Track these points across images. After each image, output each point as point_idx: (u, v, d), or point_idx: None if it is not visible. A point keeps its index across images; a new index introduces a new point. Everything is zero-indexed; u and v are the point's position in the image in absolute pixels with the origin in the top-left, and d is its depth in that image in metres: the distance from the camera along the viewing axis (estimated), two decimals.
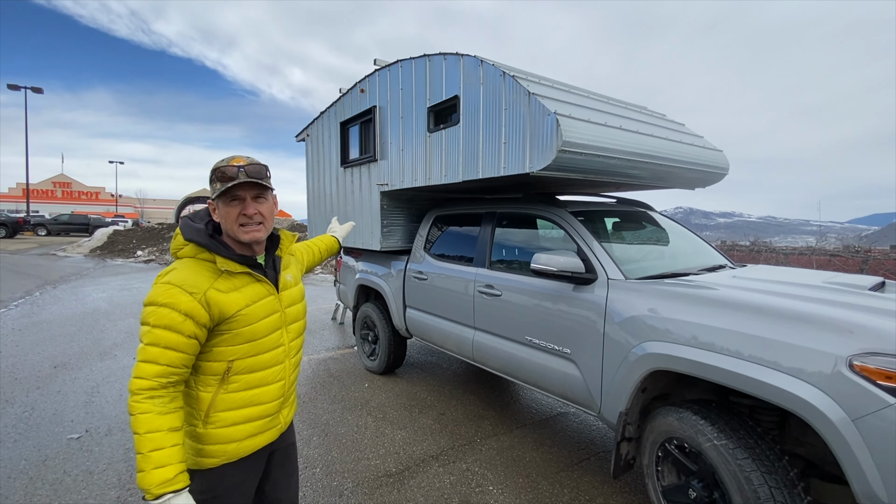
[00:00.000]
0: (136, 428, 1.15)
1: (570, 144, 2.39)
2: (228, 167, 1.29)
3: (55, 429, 3.31)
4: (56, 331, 6.06)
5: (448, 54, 3.20)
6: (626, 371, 2.24)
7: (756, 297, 1.99)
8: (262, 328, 1.35)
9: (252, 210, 1.31)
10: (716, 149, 3.71)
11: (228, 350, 1.30)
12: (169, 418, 1.18)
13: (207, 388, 1.31)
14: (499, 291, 3.09)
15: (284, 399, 1.48)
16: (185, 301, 1.21)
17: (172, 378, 1.21)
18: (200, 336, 1.25)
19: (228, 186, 1.27)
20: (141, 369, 1.18)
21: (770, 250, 7.73)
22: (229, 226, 1.31)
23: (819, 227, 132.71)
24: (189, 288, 1.22)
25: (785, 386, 1.67)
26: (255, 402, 1.37)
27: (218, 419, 1.31)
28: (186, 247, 1.32)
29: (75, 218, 28.38)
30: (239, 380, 1.33)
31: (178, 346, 1.20)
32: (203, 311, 1.23)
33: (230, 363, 1.31)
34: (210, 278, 1.27)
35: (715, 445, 1.88)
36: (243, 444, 1.36)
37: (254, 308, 1.33)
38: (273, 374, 1.41)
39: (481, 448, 3.13)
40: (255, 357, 1.35)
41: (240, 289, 1.32)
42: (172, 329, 1.19)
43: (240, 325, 1.30)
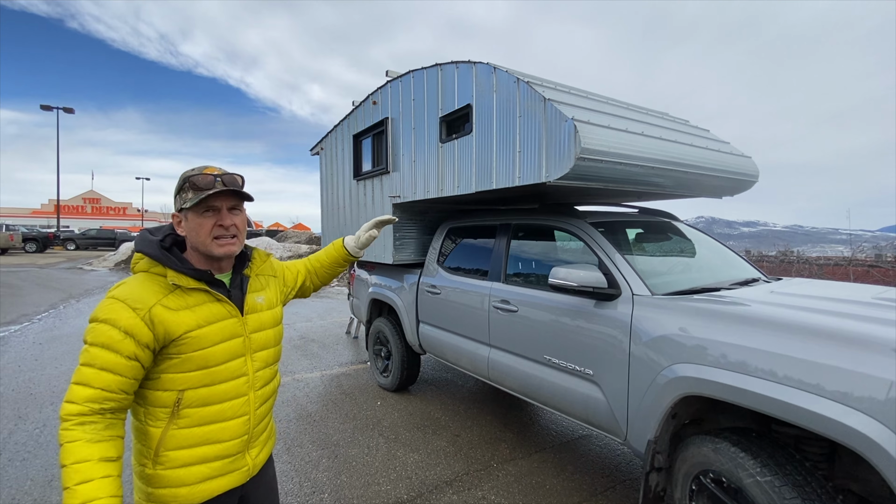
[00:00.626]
0: (62, 460, 1.00)
1: (590, 151, 2.25)
2: (202, 176, 1.20)
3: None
4: (76, 345, 6.11)
5: (460, 62, 3.12)
6: (656, 395, 2.06)
7: (800, 315, 1.80)
8: (217, 354, 1.21)
9: (229, 221, 1.22)
10: (744, 155, 3.51)
11: (178, 378, 1.16)
12: (101, 447, 1.03)
13: (157, 422, 1.17)
14: (515, 307, 2.94)
15: (250, 438, 1.31)
16: (126, 317, 1.09)
17: (107, 404, 1.07)
18: (143, 358, 1.11)
19: (205, 196, 1.17)
20: (73, 393, 1.05)
21: (802, 261, 7.34)
22: (201, 239, 1.21)
23: (849, 236, 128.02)
24: (132, 303, 1.11)
25: (835, 415, 1.48)
26: (210, 440, 1.21)
27: (168, 459, 1.17)
28: (141, 261, 1.21)
29: (103, 233, 29.31)
30: (191, 414, 1.18)
31: (115, 367, 1.07)
32: (146, 329, 1.10)
33: (181, 393, 1.17)
34: (158, 294, 1.15)
35: (758, 482, 1.68)
36: (198, 489, 1.20)
37: (207, 330, 1.19)
38: (233, 409, 1.24)
39: (498, 474, 2.95)
40: (210, 388, 1.20)
41: (192, 307, 1.18)
42: (110, 348, 1.07)
43: (189, 348, 1.16)
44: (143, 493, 1.20)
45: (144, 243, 1.21)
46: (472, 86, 2.99)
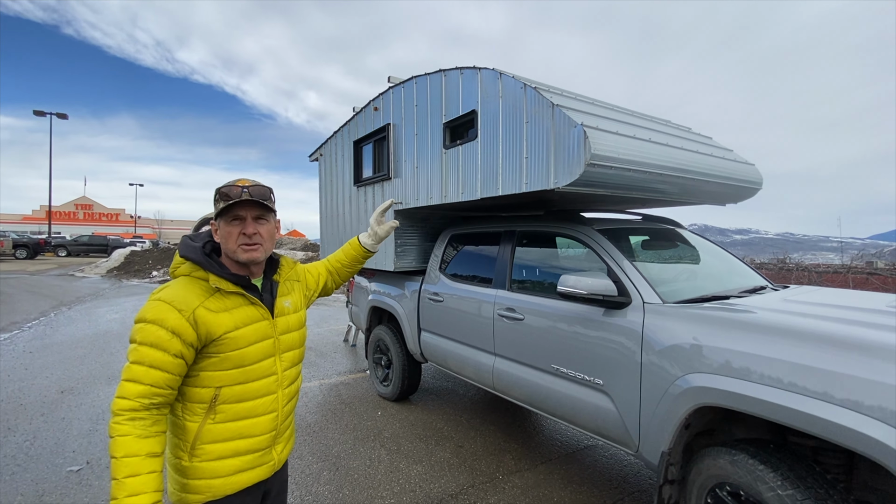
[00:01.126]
0: (113, 451, 1.09)
1: (600, 157, 2.22)
2: (233, 187, 1.28)
3: (56, 460, 3.15)
4: (66, 353, 5.98)
5: (465, 68, 3.10)
6: (669, 406, 2.01)
7: (818, 324, 1.77)
8: (251, 354, 1.30)
9: (252, 230, 1.29)
10: (747, 162, 3.51)
11: (216, 375, 1.26)
12: (148, 443, 1.12)
13: (194, 416, 1.25)
14: (521, 315, 2.89)
15: (277, 433, 1.40)
16: (172, 318, 1.18)
17: (156, 399, 1.16)
18: (187, 356, 1.21)
19: (230, 204, 1.26)
20: (124, 389, 1.14)
21: (801, 269, 7.37)
22: (229, 245, 1.29)
23: (840, 244, 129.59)
24: (178, 305, 1.20)
25: (856, 426, 1.44)
26: (243, 435, 1.30)
27: (204, 452, 1.25)
28: (183, 265, 1.30)
29: (95, 239, 28.99)
30: (227, 410, 1.27)
31: (163, 364, 1.16)
32: (190, 329, 1.19)
33: (217, 390, 1.26)
34: (201, 296, 1.25)
35: (779, 496, 1.63)
36: (230, 481, 1.28)
37: (243, 331, 1.28)
38: (264, 405, 1.34)
39: (504, 486, 2.89)
40: (245, 385, 1.29)
41: (230, 310, 1.28)
42: (158, 347, 1.16)
43: (228, 347, 1.25)
44: (179, 484, 1.26)
45: (188, 249, 1.30)
46: (478, 92, 2.97)
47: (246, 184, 1.30)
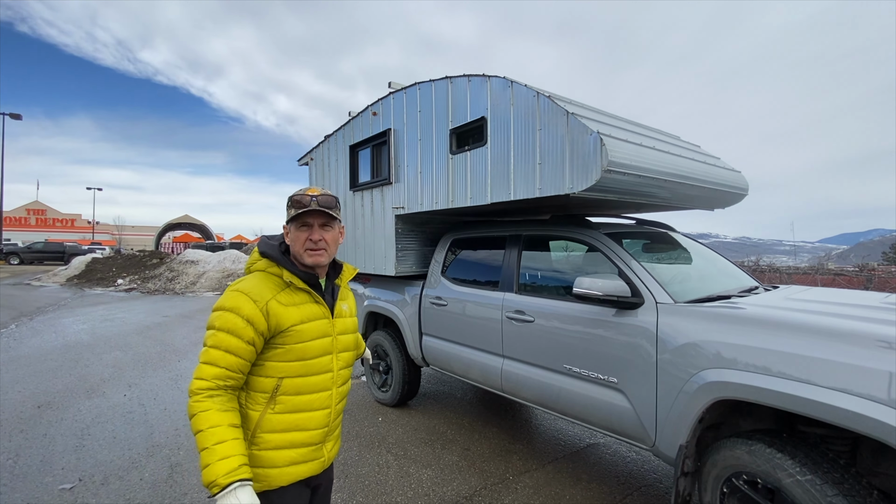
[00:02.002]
0: (197, 425, 1.18)
1: (615, 164, 2.32)
2: (304, 196, 1.38)
3: (44, 479, 2.98)
4: (37, 366, 5.65)
5: (473, 76, 3.16)
6: (686, 401, 2.11)
7: (825, 319, 1.90)
8: (313, 348, 1.38)
9: (317, 236, 1.39)
10: (734, 169, 3.71)
11: (279, 366, 1.33)
12: (228, 415, 1.21)
13: (256, 405, 1.32)
14: (531, 317, 2.96)
15: (329, 430, 1.46)
16: (248, 307, 1.28)
17: (230, 381, 1.26)
18: (258, 343, 1.29)
19: (299, 213, 1.37)
20: (201, 370, 1.24)
21: (773, 270, 7.82)
22: (297, 249, 1.40)
23: (793, 247, 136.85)
24: (254, 296, 1.30)
25: (870, 412, 1.56)
26: (300, 427, 1.36)
27: (263, 441, 1.32)
28: (259, 261, 1.41)
29: (50, 246, 27.45)
30: (286, 401, 1.34)
31: (237, 350, 1.26)
32: (263, 318, 1.29)
33: (280, 380, 1.33)
34: (274, 290, 1.35)
35: (799, 482, 1.74)
36: (285, 472, 1.35)
37: (308, 326, 1.37)
38: (319, 400, 1.40)
39: (516, 486, 2.93)
40: (304, 378, 1.37)
41: (298, 305, 1.37)
42: (234, 333, 1.26)
43: (293, 339, 1.33)
44: None
45: (268, 247, 1.41)
46: (487, 99, 3.03)
47: (315, 193, 1.38)
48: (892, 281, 6.40)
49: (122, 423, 3.92)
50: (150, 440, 3.58)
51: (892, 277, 6.47)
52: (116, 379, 5.19)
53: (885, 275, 6.50)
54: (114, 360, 6.00)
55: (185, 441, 3.57)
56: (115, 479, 2.99)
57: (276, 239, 1.47)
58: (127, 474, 3.06)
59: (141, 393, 4.72)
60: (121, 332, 7.86)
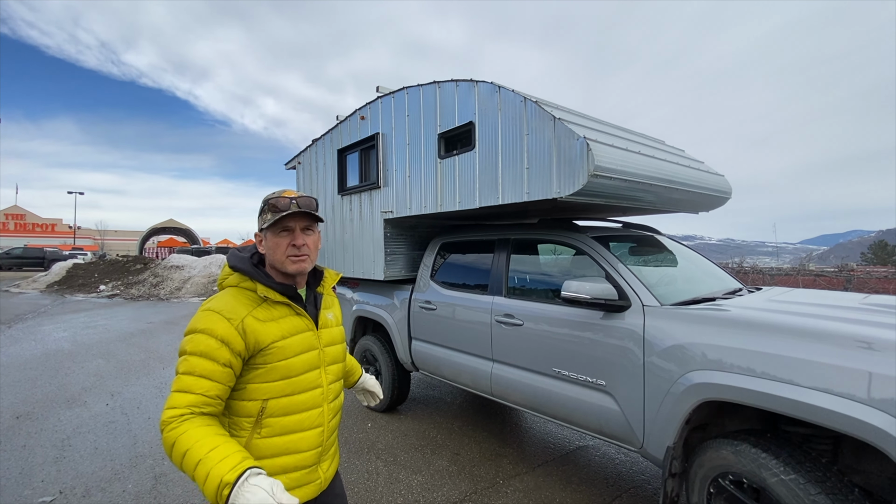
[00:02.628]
0: (180, 448, 1.05)
1: (602, 169, 2.35)
2: (281, 199, 1.30)
3: (23, 491, 2.90)
4: (15, 375, 5.50)
5: (460, 81, 3.17)
6: (674, 403, 2.13)
7: (809, 321, 1.94)
8: (298, 364, 1.29)
9: (301, 241, 1.31)
10: (718, 173, 3.78)
11: (263, 387, 1.24)
12: (210, 429, 1.10)
13: (241, 432, 1.23)
14: (520, 321, 2.97)
15: (323, 450, 1.37)
16: (222, 327, 1.18)
17: (206, 409, 1.15)
18: (235, 366, 1.20)
19: (281, 216, 1.27)
20: (173, 400, 1.13)
21: (756, 271, 7.97)
22: (277, 256, 1.30)
23: (775, 248, 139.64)
24: (227, 314, 1.21)
25: (858, 415, 1.59)
26: (290, 450, 1.27)
27: None
28: (231, 276, 1.32)
29: (29, 251, 26.84)
30: (273, 424, 1.25)
31: (212, 374, 1.15)
32: (239, 338, 1.19)
33: (264, 402, 1.24)
34: (249, 306, 1.25)
35: (783, 481, 1.78)
36: None
37: (290, 341, 1.28)
38: (310, 419, 1.31)
39: (506, 490, 2.93)
40: (291, 397, 1.27)
41: (277, 320, 1.28)
42: (207, 356, 1.16)
43: (275, 357, 1.24)
44: None
45: (237, 259, 1.32)
46: (475, 104, 3.04)
47: (293, 195, 1.31)
48: (871, 281, 6.59)
49: (105, 434, 3.83)
50: (134, 450, 3.51)
51: (871, 278, 6.66)
52: (98, 388, 5.07)
53: (863, 275, 6.68)
54: (96, 369, 5.86)
55: None
56: (97, 491, 2.92)
57: (247, 251, 1.38)
58: (109, 486, 2.98)
59: (124, 402, 4.62)
60: (103, 340, 7.70)
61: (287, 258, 1.29)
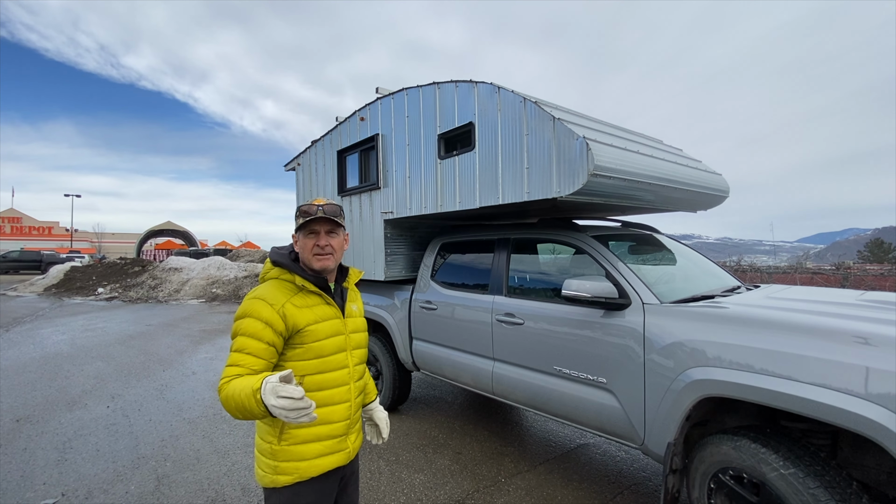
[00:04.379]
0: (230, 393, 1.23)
1: (602, 168, 2.37)
2: (310, 206, 1.50)
3: (26, 494, 2.90)
4: (14, 379, 5.49)
5: (460, 82, 3.19)
6: (674, 399, 2.16)
7: (807, 318, 1.96)
8: (328, 346, 1.48)
9: (324, 242, 1.51)
10: (716, 172, 3.81)
11: (300, 364, 1.44)
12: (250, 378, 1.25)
13: None
14: (521, 320, 2.98)
15: (351, 422, 1.55)
16: (266, 311, 1.39)
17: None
18: (278, 344, 1.40)
19: (307, 220, 1.49)
20: (225, 371, 1.33)
21: (755, 270, 8.01)
22: (305, 255, 1.52)
23: (772, 247, 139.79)
24: (270, 300, 1.42)
25: (856, 410, 1.61)
26: (324, 421, 1.46)
27: (291, 436, 1.43)
28: (272, 270, 1.53)
29: (26, 254, 26.74)
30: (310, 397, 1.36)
31: (258, 351, 1.35)
32: (280, 320, 1.39)
33: (301, 378, 1.43)
34: (288, 294, 1.46)
35: (782, 475, 1.80)
36: (314, 463, 1.45)
37: (321, 326, 1.48)
38: (339, 394, 1.51)
39: (508, 489, 2.95)
40: (324, 374, 1.47)
41: (311, 307, 1.48)
42: (254, 336, 1.36)
43: (309, 338, 1.44)
44: (270, 467, 1.43)
45: (279, 256, 1.53)
46: (474, 104, 3.06)
47: (321, 203, 1.51)
48: (867, 279, 6.63)
49: (106, 436, 3.83)
50: (136, 452, 3.51)
51: (867, 275, 6.69)
52: (98, 390, 5.07)
53: (860, 272, 6.72)
54: (95, 371, 5.85)
55: (172, 452, 3.51)
56: (100, 493, 2.92)
57: (286, 248, 1.59)
58: (112, 487, 2.99)
59: (125, 404, 4.62)
60: (102, 343, 7.68)
61: (313, 256, 1.50)
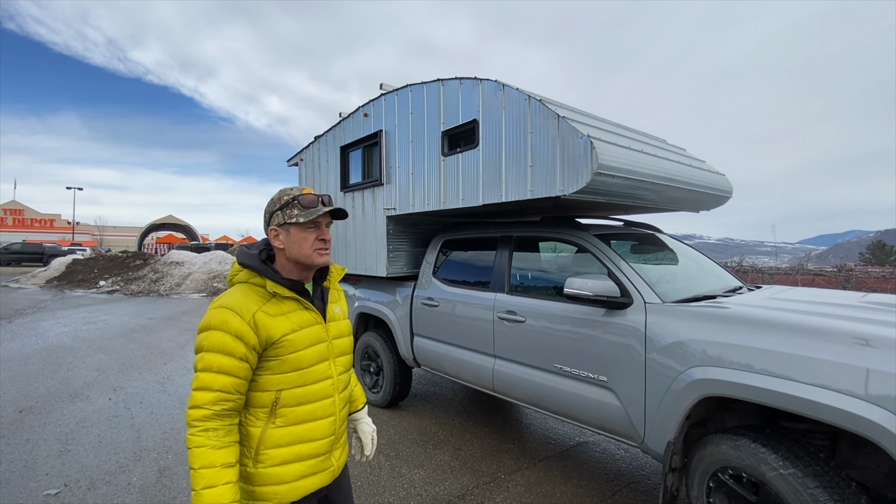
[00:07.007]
0: (191, 462, 1.14)
1: (606, 167, 2.37)
2: (305, 196, 1.34)
3: (29, 484, 2.92)
4: (17, 370, 5.51)
5: (464, 79, 3.19)
6: (675, 398, 2.16)
7: (809, 319, 1.96)
8: (308, 356, 1.32)
9: (328, 236, 1.38)
10: (719, 172, 3.80)
11: (276, 378, 1.27)
12: (223, 453, 1.16)
13: (257, 422, 1.27)
14: (522, 317, 2.99)
15: (336, 437, 1.41)
16: (235, 322, 1.21)
17: (227, 405, 1.19)
18: (251, 359, 1.23)
19: (319, 213, 1.32)
20: (195, 398, 1.17)
21: (756, 270, 8.02)
22: (304, 250, 1.33)
23: (774, 248, 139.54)
24: (239, 310, 1.23)
25: (856, 410, 1.62)
26: (305, 439, 1.31)
27: (268, 457, 1.27)
28: (240, 273, 1.33)
29: (28, 247, 26.78)
30: (287, 413, 1.29)
31: (230, 369, 1.19)
32: (252, 332, 1.22)
33: (278, 393, 1.27)
34: (259, 301, 1.27)
35: (782, 475, 1.81)
36: (295, 486, 1.29)
37: (299, 335, 1.31)
38: (322, 409, 1.35)
39: (507, 485, 2.96)
40: (304, 388, 1.31)
41: (287, 314, 1.30)
42: (223, 352, 1.19)
43: (286, 350, 1.27)
44: (245, 492, 1.27)
45: (247, 257, 1.33)
46: (479, 102, 3.06)
47: (313, 192, 1.37)
48: (869, 281, 6.62)
49: (108, 428, 3.85)
50: (138, 444, 3.53)
51: (869, 277, 6.69)
52: (101, 382, 5.09)
53: (862, 274, 6.71)
54: (97, 364, 5.88)
55: (174, 444, 3.53)
56: (102, 484, 2.95)
57: (257, 247, 1.39)
58: (114, 479, 3.01)
59: (127, 396, 4.64)
60: (104, 335, 7.71)
61: (315, 251, 1.34)
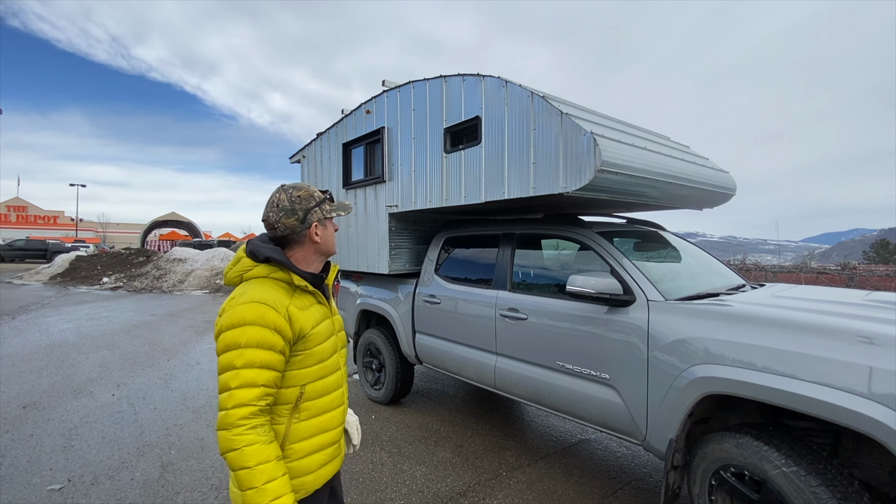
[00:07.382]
0: (244, 462, 1.10)
1: (609, 164, 2.36)
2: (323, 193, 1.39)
3: (32, 479, 2.94)
4: (21, 366, 5.55)
5: (467, 75, 3.17)
6: (677, 396, 2.16)
7: (813, 317, 1.96)
8: (327, 349, 1.36)
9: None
10: (722, 170, 3.79)
11: (301, 373, 1.28)
12: (274, 447, 1.17)
13: (280, 419, 1.27)
14: (524, 315, 2.99)
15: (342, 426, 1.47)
16: (272, 317, 1.19)
17: (269, 399, 1.19)
18: (287, 353, 1.24)
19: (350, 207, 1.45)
20: (239, 396, 1.13)
21: (759, 268, 7.99)
22: (330, 244, 1.41)
23: (777, 246, 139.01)
24: (273, 304, 1.21)
25: (859, 409, 1.61)
26: (324, 429, 1.35)
27: (293, 451, 1.27)
28: (257, 267, 1.30)
29: (31, 243, 26.91)
30: (309, 407, 1.31)
31: (272, 363, 1.18)
32: (287, 326, 1.22)
33: (303, 388, 1.29)
34: (287, 296, 1.27)
35: (784, 473, 1.80)
36: (319, 475, 1.33)
37: (320, 328, 1.34)
38: (336, 399, 1.40)
39: (509, 482, 2.97)
40: (323, 380, 1.34)
41: (308, 308, 1.32)
42: (265, 346, 1.17)
43: (313, 343, 1.30)
44: None
45: (270, 251, 1.29)
46: (481, 98, 3.05)
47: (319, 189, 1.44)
48: (873, 279, 6.58)
49: (112, 423, 3.87)
50: (141, 440, 3.55)
51: (873, 275, 6.66)
52: (104, 378, 5.12)
53: (865, 273, 6.68)
54: (101, 360, 5.91)
55: (177, 440, 3.55)
56: (106, 480, 2.96)
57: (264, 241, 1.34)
58: (117, 474, 3.03)
59: (130, 392, 4.66)
60: (107, 331, 7.75)
61: (335, 244, 1.44)
